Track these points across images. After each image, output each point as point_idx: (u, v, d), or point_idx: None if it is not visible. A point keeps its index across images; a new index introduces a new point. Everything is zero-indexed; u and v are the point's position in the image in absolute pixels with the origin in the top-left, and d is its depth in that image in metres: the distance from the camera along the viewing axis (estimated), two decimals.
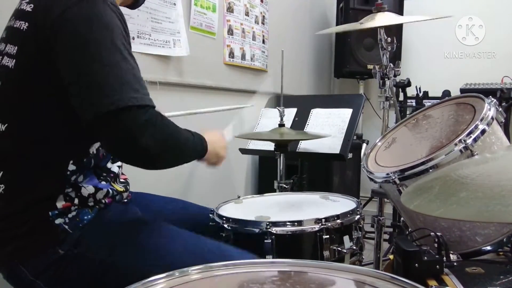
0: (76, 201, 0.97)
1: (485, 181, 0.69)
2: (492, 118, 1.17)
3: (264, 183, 2.68)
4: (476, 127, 1.15)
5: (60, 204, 0.95)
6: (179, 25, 2.01)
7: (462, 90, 2.99)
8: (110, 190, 1.04)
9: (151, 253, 0.96)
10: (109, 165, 1.08)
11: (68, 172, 0.95)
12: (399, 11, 3.28)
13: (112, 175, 1.07)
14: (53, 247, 0.93)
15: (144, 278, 0.68)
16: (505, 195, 0.61)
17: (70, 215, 0.95)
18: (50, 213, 0.93)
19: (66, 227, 0.95)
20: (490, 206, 0.60)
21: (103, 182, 1.03)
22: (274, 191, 1.83)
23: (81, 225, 0.96)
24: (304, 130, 2.13)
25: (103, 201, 1.02)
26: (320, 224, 1.12)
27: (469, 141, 1.13)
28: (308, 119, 2.18)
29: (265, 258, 1.08)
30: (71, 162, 0.95)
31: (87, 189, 0.98)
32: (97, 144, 1.00)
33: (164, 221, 1.08)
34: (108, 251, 0.96)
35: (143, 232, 1.01)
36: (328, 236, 1.12)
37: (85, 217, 0.98)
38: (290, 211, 1.34)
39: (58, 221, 0.94)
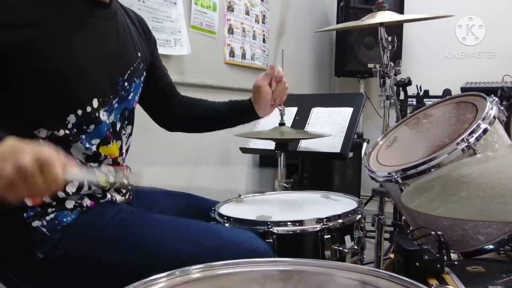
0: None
1: (485, 180, 0.69)
2: (494, 117, 1.17)
3: (264, 182, 2.68)
4: (479, 126, 1.14)
5: (29, 201, 0.90)
6: (180, 24, 2.01)
7: (463, 89, 2.99)
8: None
9: (139, 246, 0.92)
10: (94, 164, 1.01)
11: None
12: (400, 10, 3.27)
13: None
14: (32, 250, 0.90)
15: (135, 272, 0.67)
16: (505, 194, 0.61)
17: (48, 218, 0.92)
18: (25, 214, 0.90)
19: (44, 229, 0.91)
20: (491, 205, 0.60)
21: None
22: (275, 190, 1.83)
23: (59, 228, 0.92)
24: (305, 129, 2.13)
25: (85, 204, 0.97)
26: (321, 224, 1.12)
27: (472, 140, 1.12)
28: (309, 118, 2.18)
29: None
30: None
31: None
32: (45, 131, 0.93)
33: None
34: (90, 249, 0.92)
35: (129, 225, 0.96)
36: (329, 236, 1.11)
37: (65, 219, 0.93)
38: (291, 211, 1.34)
39: (36, 223, 0.91)
